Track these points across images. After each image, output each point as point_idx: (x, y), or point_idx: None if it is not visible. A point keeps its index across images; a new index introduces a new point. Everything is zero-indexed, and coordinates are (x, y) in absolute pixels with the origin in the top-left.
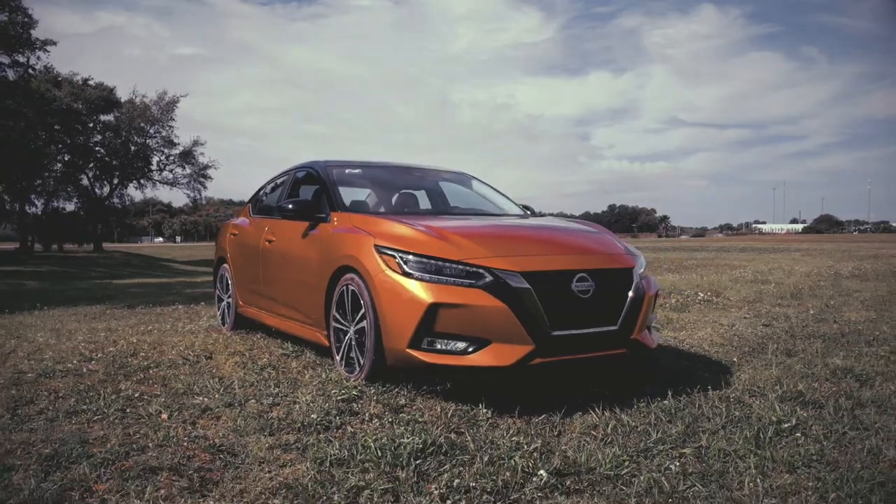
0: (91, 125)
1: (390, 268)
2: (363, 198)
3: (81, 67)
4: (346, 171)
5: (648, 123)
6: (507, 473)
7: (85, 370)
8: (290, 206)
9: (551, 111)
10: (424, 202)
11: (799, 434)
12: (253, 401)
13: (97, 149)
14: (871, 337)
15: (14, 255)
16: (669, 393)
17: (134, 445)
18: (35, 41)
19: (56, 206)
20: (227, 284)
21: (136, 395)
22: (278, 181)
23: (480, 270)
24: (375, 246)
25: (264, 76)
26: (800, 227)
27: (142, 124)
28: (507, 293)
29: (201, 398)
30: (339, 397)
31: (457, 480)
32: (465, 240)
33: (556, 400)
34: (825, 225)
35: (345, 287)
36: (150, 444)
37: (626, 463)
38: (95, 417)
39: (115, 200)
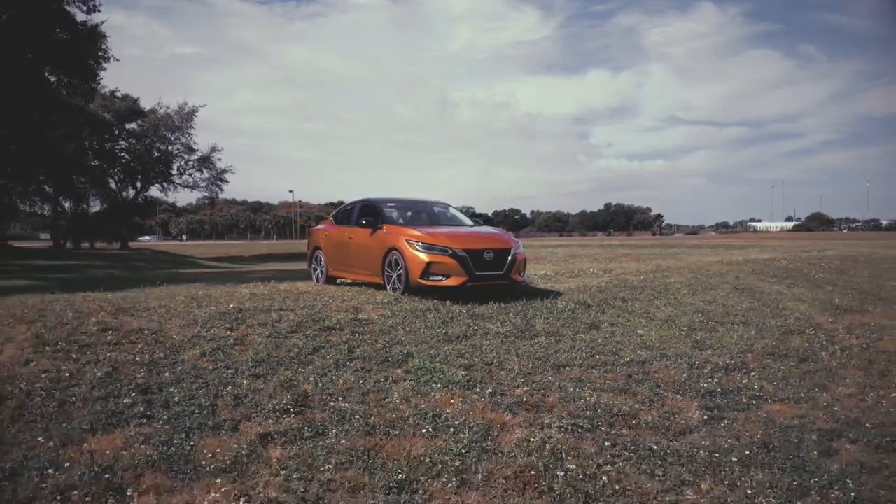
0: (117, 132)
1: (412, 248)
2: (393, 215)
3: None
4: (388, 203)
5: (647, 122)
6: (453, 315)
7: (279, 294)
8: (364, 221)
9: (550, 110)
10: (425, 218)
11: (569, 313)
12: (361, 298)
13: (122, 154)
14: (657, 288)
15: (54, 253)
16: (524, 299)
17: (325, 306)
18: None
19: (85, 207)
20: (321, 261)
21: (313, 299)
22: (347, 207)
23: (448, 249)
24: (405, 239)
25: (264, 75)
26: (791, 224)
27: (165, 132)
28: (458, 258)
29: (344, 293)
30: (392, 298)
31: (437, 316)
32: (443, 237)
33: (478, 301)
34: (816, 223)
35: (391, 257)
36: (333, 305)
37: (497, 313)
38: (307, 302)
39: (140, 201)
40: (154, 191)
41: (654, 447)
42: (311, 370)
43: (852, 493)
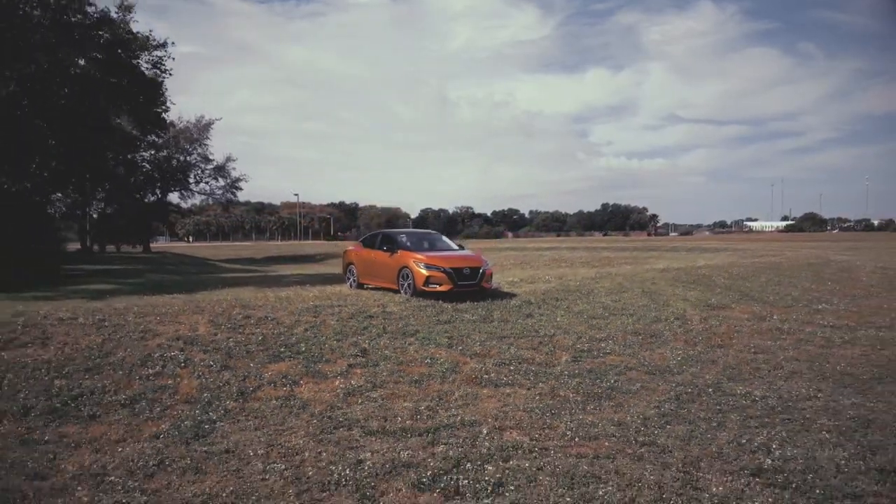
0: (139, 144)
1: (417, 266)
2: (404, 242)
3: None
4: (400, 234)
5: (647, 120)
6: (443, 309)
7: (334, 297)
8: (385, 247)
9: (550, 108)
10: (426, 245)
11: (516, 308)
12: (385, 299)
13: (143, 164)
14: (585, 291)
15: (89, 257)
16: (490, 300)
17: (364, 304)
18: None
19: (113, 212)
20: (353, 272)
21: (355, 300)
22: (372, 236)
23: (440, 267)
24: (413, 260)
25: (263, 75)
26: (782, 224)
27: (184, 144)
28: (447, 272)
29: (373, 296)
30: (404, 299)
31: (433, 310)
32: (437, 258)
33: (460, 301)
34: (809, 223)
35: (403, 272)
36: (369, 303)
37: (471, 308)
38: (353, 302)
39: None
40: (173, 197)
41: (534, 370)
42: (364, 337)
43: (613, 382)
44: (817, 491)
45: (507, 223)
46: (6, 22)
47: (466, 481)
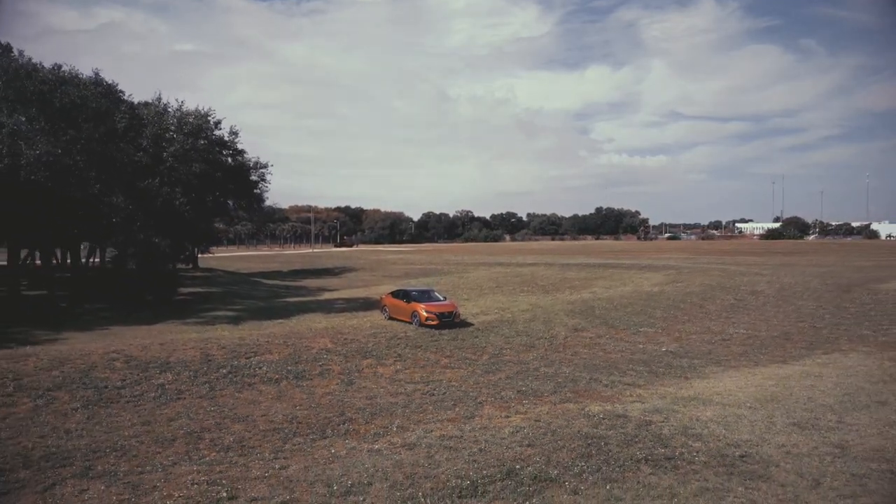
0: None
1: (421, 311)
2: (414, 295)
3: (81, 65)
4: (412, 291)
5: (648, 117)
6: (434, 334)
7: (378, 326)
8: (404, 299)
9: (550, 105)
10: (426, 298)
11: (470, 332)
12: (405, 328)
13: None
14: (511, 321)
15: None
16: (458, 328)
17: (395, 330)
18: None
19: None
20: (386, 311)
21: (390, 328)
22: (396, 290)
23: (433, 311)
24: (418, 306)
25: (263, 72)
26: (769, 227)
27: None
28: (436, 314)
29: (400, 326)
30: (415, 328)
31: (428, 334)
32: (432, 306)
33: (442, 329)
34: (791, 227)
35: (414, 312)
36: (397, 329)
37: (448, 334)
38: (389, 330)
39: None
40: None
41: (470, 363)
42: (398, 348)
43: (499, 367)
44: (530, 396)
45: (506, 226)
46: (177, 158)
47: (436, 392)
